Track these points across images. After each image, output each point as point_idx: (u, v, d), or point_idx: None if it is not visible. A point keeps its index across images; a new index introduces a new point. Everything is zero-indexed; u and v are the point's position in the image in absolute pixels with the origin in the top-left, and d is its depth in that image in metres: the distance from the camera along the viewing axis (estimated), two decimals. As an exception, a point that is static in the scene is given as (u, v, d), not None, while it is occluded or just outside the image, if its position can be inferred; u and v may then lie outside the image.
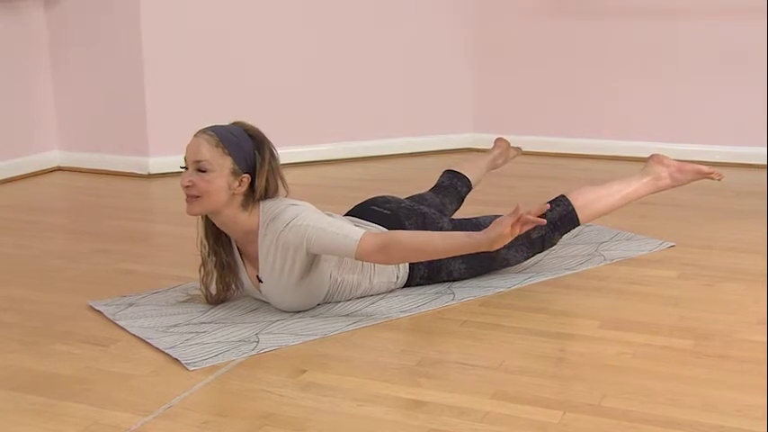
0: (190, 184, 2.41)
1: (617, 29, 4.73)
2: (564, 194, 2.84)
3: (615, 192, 2.88)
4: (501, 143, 3.44)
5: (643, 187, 2.94)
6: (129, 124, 4.56)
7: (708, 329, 2.38)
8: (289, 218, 2.40)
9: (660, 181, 2.96)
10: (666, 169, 2.97)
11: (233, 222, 2.46)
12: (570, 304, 2.62)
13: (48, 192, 4.41)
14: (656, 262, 2.97)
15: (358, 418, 1.93)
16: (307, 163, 4.71)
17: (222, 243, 2.54)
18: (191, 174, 2.41)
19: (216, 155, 2.40)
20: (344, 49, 4.80)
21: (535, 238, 2.75)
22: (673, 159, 3.01)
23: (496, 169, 3.43)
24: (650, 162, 3.01)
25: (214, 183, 2.39)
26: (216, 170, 2.39)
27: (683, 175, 2.99)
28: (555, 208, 2.78)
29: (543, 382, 2.09)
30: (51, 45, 4.64)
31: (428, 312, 2.54)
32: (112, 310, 2.58)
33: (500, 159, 3.42)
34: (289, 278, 2.45)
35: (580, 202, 2.81)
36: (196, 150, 2.41)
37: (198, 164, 2.40)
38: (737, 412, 1.92)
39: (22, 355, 2.29)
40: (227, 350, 2.28)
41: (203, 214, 2.49)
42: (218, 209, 2.43)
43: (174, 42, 4.48)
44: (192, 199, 2.42)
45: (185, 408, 1.98)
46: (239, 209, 2.45)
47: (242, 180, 2.42)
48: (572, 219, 2.80)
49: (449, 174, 3.22)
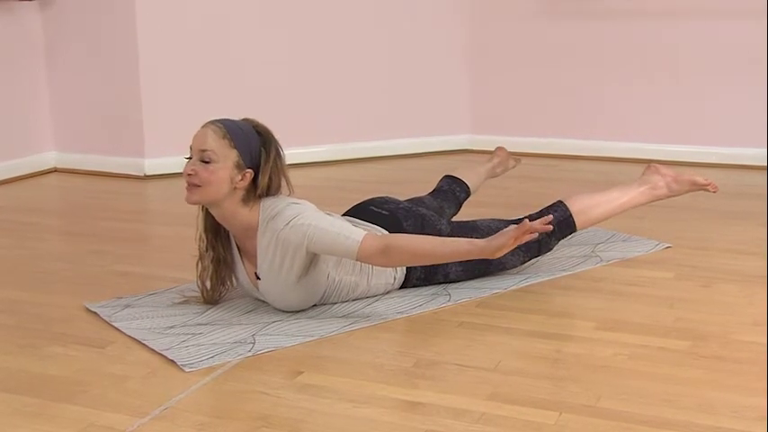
0: (192, 173, 2.41)
1: (614, 30, 4.74)
2: (561, 200, 2.85)
3: (612, 199, 2.90)
4: (500, 152, 3.46)
5: (640, 196, 2.96)
6: (125, 126, 4.56)
7: (704, 330, 2.39)
8: (289, 216, 2.40)
9: (657, 190, 2.98)
10: (663, 179, 2.98)
11: (232, 216, 2.46)
12: (566, 305, 2.62)
13: (44, 193, 4.41)
14: (652, 263, 2.98)
15: (354, 420, 1.93)
16: (304, 164, 4.71)
17: (221, 238, 2.55)
18: (194, 163, 2.41)
19: (222, 146, 2.40)
20: (341, 51, 4.80)
21: (532, 243, 2.75)
22: (669, 170, 3.02)
23: (495, 178, 3.45)
24: (647, 171, 3.02)
25: (217, 174, 2.39)
26: (220, 161, 2.39)
27: (679, 186, 3.00)
28: (552, 213, 2.79)
29: (539, 383, 2.09)
30: (47, 46, 4.64)
31: (424, 313, 2.55)
32: (108, 311, 2.58)
33: (499, 168, 3.43)
34: (287, 276, 2.44)
35: (577, 208, 2.83)
36: (202, 140, 2.41)
37: (203, 153, 2.40)
38: (733, 413, 1.92)
39: (18, 357, 2.29)
40: (223, 351, 2.28)
41: (201, 204, 2.48)
42: (218, 200, 2.43)
43: (171, 43, 4.48)
44: (193, 187, 2.42)
45: (181, 409, 1.98)
46: (240, 203, 2.44)
47: (245, 174, 2.42)
48: (569, 224, 2.81)
49: (448, 179, 3.22)
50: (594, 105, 4.83)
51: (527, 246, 2.75)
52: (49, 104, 4.70)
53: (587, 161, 4.72)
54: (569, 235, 2.85)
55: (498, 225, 2.75)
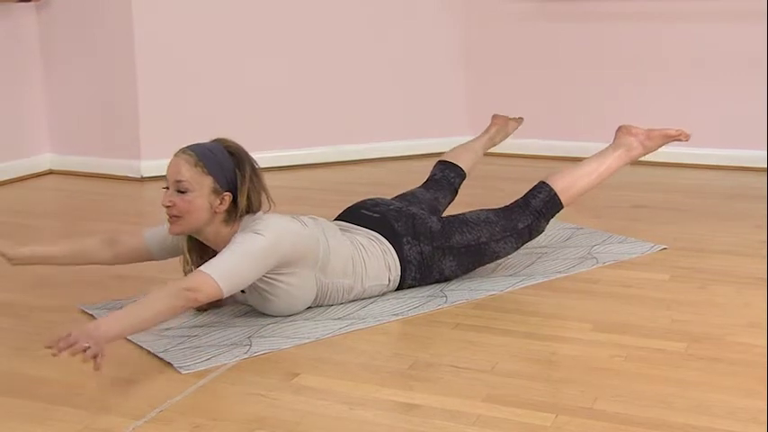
0: (170, 204, 2.39)
1: (612, 32, 4.74)
2: (543, 181, 2.88)
3: (592, 170, 2.94)
4: (498, 120, 3.46)
5: (617, 160, 2.98)
6: (121, 127, 4.56)
7: (700, 332, 2.39)
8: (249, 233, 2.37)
9: (632, 151, 3.00)
10: (636, 138, 3.00)
11: (215, 238, 2.45)
12: (562, 307, 2.63)
13: (39, 195, 4.40)
14: (647, 265, 2.98)
15: (350, 422, 1.93)
16: (300, 166, 4.71)
17: (208, 255, 2.50)
18: (171, 194, 2.40)
19: (195, 174, 2.37)
20: (338, 52, 4.80)
21: (522, 228, 2.78)
22: (640, 128, 3.02)
23: (495, 146, 3.44)
24: (619, 134, 3.03)
25: (194, 203, 2.37)
26: (196, 190, 2.37)
27: (652, 142, 3.02)
28: (537, 195, 2.83)
29: (535, 385, 2.09)
30: (43, 47, 4.63)
31: (420, 315, 2.55)
32: (104, 314, 2.57)
33: (498, 137, 3.44)
34: (265, 287, 2.44)
35: (560, 186, 2.86)
36: (176, 170, 2.39)
37: (178, 184, 2.38)
38: (729, 414, 1.92)
39: (14, 360, 2.29)
40: (219, 353, 2.28)
41: (185, 234, 2.47)
42: (200, 228, 2.42)
43: (167, 44, 4.48)
44: (174, 219, 2.41)
45: (177, 411, 1.98)
46: (222, 225, 2.43)
47: (223, 198, 2.40)
48: (555, 203, 2.84)
49: (441, 165, 3.22)
50: (593, 107, 4.83)
51: (518, 232, 2.77)
52: (45, 106, 4.69)
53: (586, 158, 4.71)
54: (557, 213, 2.87)
55: (488, 215, 2.77)
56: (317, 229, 2.52)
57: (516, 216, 2.80)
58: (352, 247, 2.59)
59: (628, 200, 3.86)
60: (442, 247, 2.71)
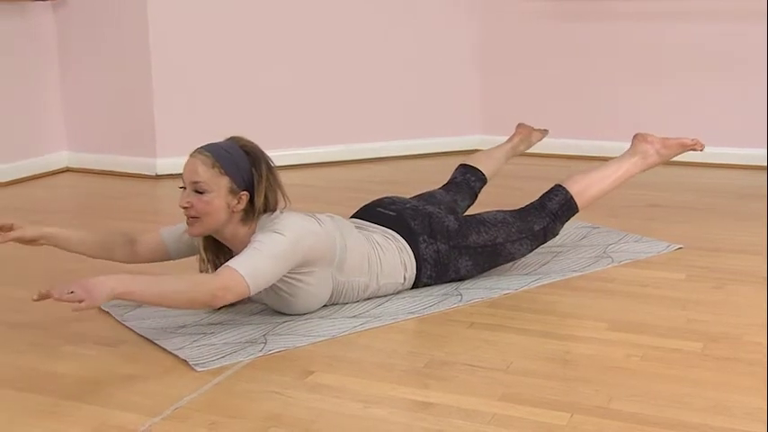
0: (188, 206, 2.39)
1: (627, 31, 4.72)
2: (559, 184, 2.89)
3: (608, 175, 2.95)
4: (522, 129, 3.46)
5: (633, 167, 3.00)
6: (137, 125, 4.57)
7: (716, 332, 2.38)
8: (268, 233, 2.37)
9: (648, 159, 3.01)
10: (652, 146, 3.01)
11: (233, 237, 2.45)
12: (578, 306, 2.62)
13: (56, 193, 4.42)
14: (663, 264, 2.97)
15: (365, 420, 1.93)
16: (315, 164, 4.72)
17: (224, 254, 2.51)
18: (188, 194, 2.40)
19: (212, 175, 2.37)
20: (353, 51, 4.80)
21: (537, 230, 2.78)
22: (655, 137, 3.03)
23: (517, 156, 3.45)
24: (635, 141, 3.04)
25: (212, 203, 2.37)
26: (213, 190, 2.37)
27: (667, 150, 3.03)
28: (553, 198, 2.84)
29: (551, 384, 2.08)
30: (60, 46, 4.66)
31: (435, 314, 2.54)
32: (120, 310, 2.59)
33: (522, 146, 3.44)
34: (282, 287, 2.44)
35: (576, 189, 2.87)
36: (193, 171, 2.39)
37: (195, 185, 2.38)
38: (747, 415, 1.91)
39: (30, 356, 2.30)
40: (234, 351, 2.28)
41: (204, 235, 2.47)
42: (219, 228, 2.42)
43: (182, 43, 4.49)
44: (192, 220, 2.41)
45: (193, 409, 1.99)
46: (239, 224, 2.43)
47: (240, 198, 2.40)
48: (571, 206, 2.85)
49: (462, 168, 3.23)
50: (606, 106, 4.82)
51: (533, 234, 2.78)
52: (61, 104, 4.71)
53: (599, 161, 4.69)
54: (572, 216, 2.88)
55: (504, 216, 2.77)
56: (334, 228, 2.52)
57: (532, 218, 2.80)
58: (368, 245, 2.59)
59: (644, 199, 3.84)
60: (458, 246, 2.71)
